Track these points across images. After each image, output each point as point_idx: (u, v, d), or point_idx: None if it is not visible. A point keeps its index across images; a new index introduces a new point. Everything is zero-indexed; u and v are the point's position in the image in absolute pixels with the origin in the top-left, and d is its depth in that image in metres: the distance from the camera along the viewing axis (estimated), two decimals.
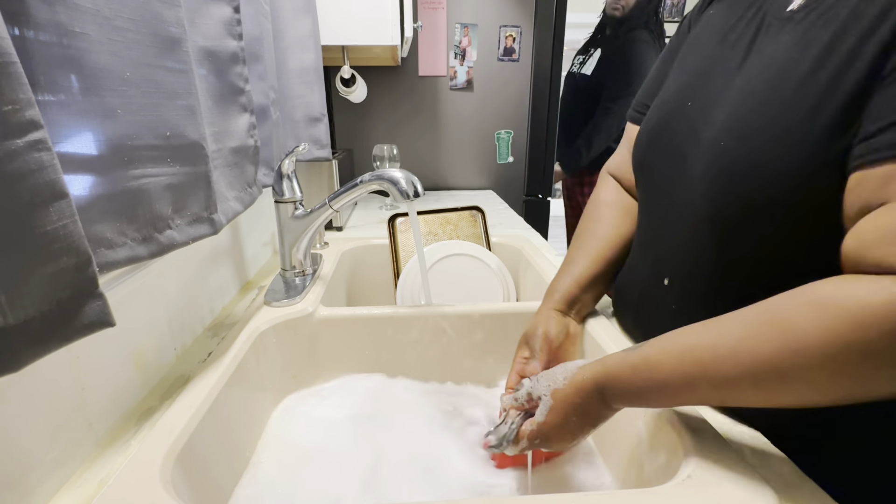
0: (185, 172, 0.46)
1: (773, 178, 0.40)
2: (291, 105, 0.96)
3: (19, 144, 0.26)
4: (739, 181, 0.42)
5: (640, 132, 0.59)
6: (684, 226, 0.50)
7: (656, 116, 0.57)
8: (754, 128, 0.42)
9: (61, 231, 0.29)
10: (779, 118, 0.40)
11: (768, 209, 0.41)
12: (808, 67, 0.39)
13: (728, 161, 0.43)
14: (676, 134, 0.51)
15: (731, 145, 0.43)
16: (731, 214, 0.44)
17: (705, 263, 0.48)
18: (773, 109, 0.41)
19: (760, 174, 0.41)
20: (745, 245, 0.44)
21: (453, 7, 1.73)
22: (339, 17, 1.10)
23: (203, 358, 0.58)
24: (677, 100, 0.53)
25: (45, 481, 0.37)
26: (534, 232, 1.20)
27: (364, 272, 1.07)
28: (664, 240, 0.54)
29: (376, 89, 1.74)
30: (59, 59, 0.33)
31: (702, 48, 0.53)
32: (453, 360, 0.75)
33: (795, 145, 0.39)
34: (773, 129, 0.40)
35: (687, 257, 0.50)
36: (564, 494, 0.38)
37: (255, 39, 0.70)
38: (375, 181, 0.67)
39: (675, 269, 0.52)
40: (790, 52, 0.41)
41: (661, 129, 0.55)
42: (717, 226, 0.46)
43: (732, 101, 0.45)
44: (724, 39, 0.50)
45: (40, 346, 0.29)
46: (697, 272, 0.49)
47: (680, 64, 0.57)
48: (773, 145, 0.40)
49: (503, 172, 1.93)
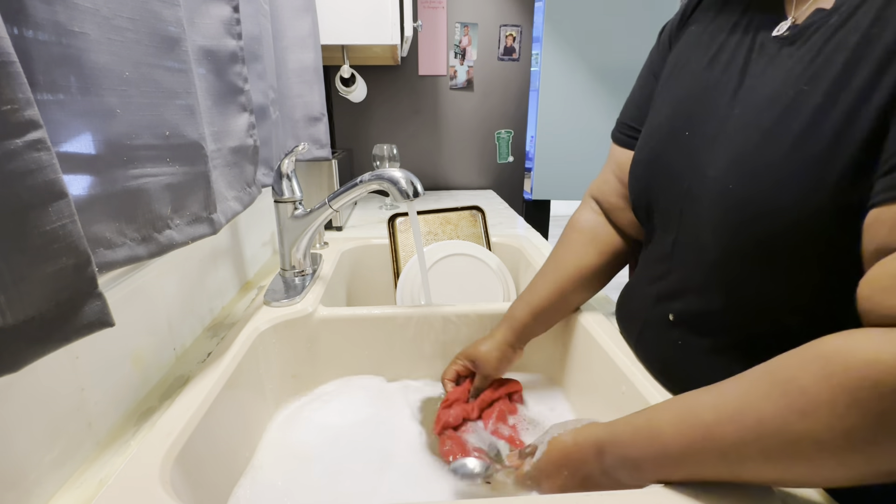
0: (185, 172, 0.46)
1: (789, 223, 0.37)
2: (291, 104, 0.96)
3: (18, 144, 0.26)
4: (751, 225, 0.40)
5: (636, 163, 0.56)
6: (692, 265, 0.48)
7: (650, 146, 0.54)
8: (763, 168, 0.39)
9: (60, 231, 0.29)
10: (791, 159, 0.37)
11: (781, 253, 0.39)
12: (820, 102, 0.36)
13: (738, 204, 0.41)
14: (677, 168, 0.49)
15: (739, 188, 0.41)
16: (742, 259, 0.42)
17: (715, 304, 0.46)
18: (784, 149, 0.38)
19: (773, 219, 0.38)
20: (759, 287, 0.42)
21: (453, 6, 1.73)
22: (338, 17, 1.10)
23: (202, 358, 0.58)
24: (672, 127, 0.51)
25: (44, 481, 0.37)
26: (534, 232, 1.20)
27: (364, 272, 1.07)
28: (670, 276, 0.52)
29: (376, 89, 1.74)
30: (59, 59, 0.33)
31: (690, 70, 0.51)
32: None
33: (812, 188, 0.36)
34: (785, 170, 0.38)
35: (694, 297, 0.48)
36: (564, 495, 0.38)
37: (254, 39, 0.69)
38: (375, 181, 0.67)
39: (682, 307, 0.50)
40: (797, 82, 0.38)
41: (660, 163, 0.52)
42: (727, 269, 0.44)
43: (735, 138, 0.42)
44: (714, 60, 0.48)
45: (40, 346, 0.29)
46: (705, 313, 0.47)
47: (667, 86, 0.55)
48: (786, 188, 0.37)
49: (503, 172, 1.93)
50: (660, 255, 0.53)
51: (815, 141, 0.36)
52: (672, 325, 0.51)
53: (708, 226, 0.44)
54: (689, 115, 0.49)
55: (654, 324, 0.54)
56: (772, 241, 0.39)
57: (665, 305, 0.52)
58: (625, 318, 0.61)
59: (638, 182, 0.56)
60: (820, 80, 0.37)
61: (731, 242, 0.42)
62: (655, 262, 0.54)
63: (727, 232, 0.42)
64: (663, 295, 0.52)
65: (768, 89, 0.41)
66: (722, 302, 0.45)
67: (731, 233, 0.42)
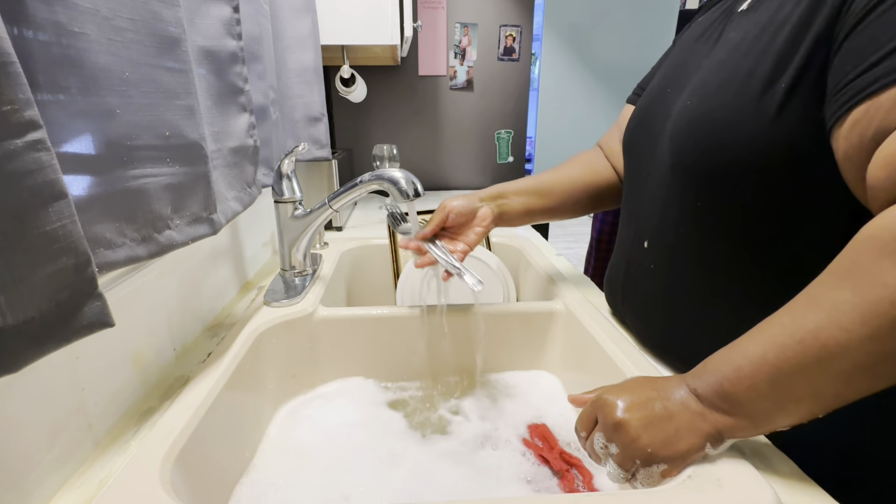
0: (185, 172, 0.46)
1: (727, 127, 0.44)
2: (291, 105, 0.96)
3: (18, 144, 0.26)
4: (697, 131, 0.47)
5: (630, 118, 0.65)
6: (654, 184, 0.55)
7: (640, 103, 0.63)
8: (714, 86, 0.47)
9: (60, 231, 0.29)
10: (733, 74, 0.45)
11: (724, 158, 0.45)
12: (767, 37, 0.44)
13: (690, 116, 0.49)
14: (656, 115, 0.57)
15: (693, 103, 0.49)
16: (690, 161, 0.49)
17: (671, 212, 0.52)
18: (738, 74, 0.45)
19: (716, 124, 0.45)
20: (706, 194, 0.48)
21: (453, 6, 1.73)
22: (338, 17, 1.10)
23: (203, 358, 0.58)
24: (659, 88, 0.59)
25: (44, 482, 0.37)
26: (534, 232, 1.20)
27: (364, 272, 1.07)
28: (644, 206, 0.58)
29: (376, 89, 1.74)
30: (59, 59, 0.33)
31: (683, 46, 0.60)
32: (453, 360, 0.75)
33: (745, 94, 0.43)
34: (729, 84, 0.45)
35: (656, 211, 0.55)
36: (564, 495, 0.38)
37: (254, 39, 0.69)
38: (375, 181, 0.67)
39: (649, 227, 0.56)
40: (749, 32, 0.46)
41: (643, 114, 0.61)
42: (678, 172, 0.50)
43: (700, 75, 0.51)
44: (701, 36, 0.56)
45: (40, 346, 0.29)
46: (665, 223, 0.53)
47: (667, 57, 0.66)
48: (727, 97, 0.45)
49: (503, 172, 1.93)
50: (636, 193, 0.60)
51: (762, 67, 0.43)
52: (646, 253, 0.57)
53: (668, 142, 0.52)
54: (672, 77, 0.58)
55: (634, 259, 0.59)
56: (715, 144, 0.46)
57: (640, 235, 0.58)
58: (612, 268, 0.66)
59: (626, 133, 0.65)
60: (768, 26, 0.44)
61: (681, 148, 0.49)
62: (633, 201, 0.61)
63: (679, 140, 0.50)
64: (638, 227, 0.59)
65: (729, 43, 0.49)
66: (678, 210, 0.51)
67: (682, 140, 0.49)
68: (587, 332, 0.65)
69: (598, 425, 0.43)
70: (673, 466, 0.39)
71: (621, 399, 0.41)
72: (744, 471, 0.38)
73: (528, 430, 0.61)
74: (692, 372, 0.41)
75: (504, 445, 0.59)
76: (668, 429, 0.39)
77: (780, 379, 0.35)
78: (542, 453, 0.57)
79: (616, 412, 0.40)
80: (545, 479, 0.54)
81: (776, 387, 0.35)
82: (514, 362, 0.76)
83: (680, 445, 0.38)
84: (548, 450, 0.57)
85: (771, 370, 0.35)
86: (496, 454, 0.58)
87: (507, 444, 0.60)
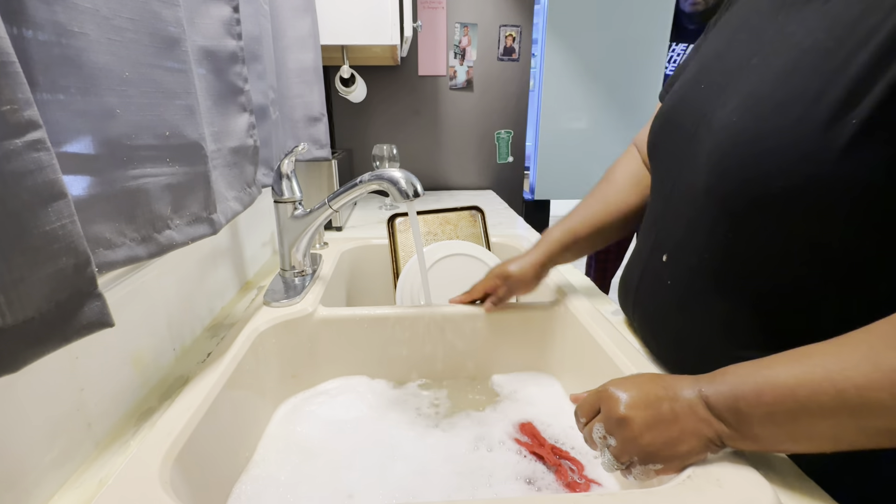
0: (184, 172, 0.46)
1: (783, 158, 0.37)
2: (291, 105, 0.96)
3: (18, 144, 0.26)
4: (744, 156, 0.40)
5: (656, 117, 0.59)
6: (684, 201, 0.49)
7: (669, 101, 0.57)
8: (771, 105, 0.39)
9: (60, 231, 0.29)
10: (798, 93, 0.37)
11: (774, 192, 0.38)
12: (844, 53, 0.36)
13: (738, 136, 0.41)
14: (687, 115, 0.51)
15: (744, 121, 0.41)
16: (729, 189, 0.42)
17: (697, 235, 0.47)
18: (793, 85, 0.38)
19: (770, 153, 0.38)
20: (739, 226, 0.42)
21: (453, 6, 1.73)
22: (338, 17, 1.10)
23: (202, 358, 0.58)
24: (691, 82, 0.53)
25: (44, 482, 0.37)
26: (534, 232, 1.20)
27: (364, 272, 1.07)
28: (666, 218, 0.53)
29: (376, 89, 1.74)
30: (58, 59, 0.33)
31: (721, 34, 0.53)
32: (453, 359, 0.75)
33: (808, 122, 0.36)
34: (790, 107, 0.37)
35: (680, 228, 0.50)
36: (564, 495, 0.38)
37: (254, 39, 0.69)
38: (375, 181, 0.67)
39: (673, 243, 0.51)
40: (820, 30, 0.38)
41: (672, 112, 0.55)
42: (712, 197, 0.44)
43: (751, 79, 0.42)
44: (745, 23, 0.48)
45: (39, 346, 0.29)
46: (687, 244, 0.49)
47: (698, 50, 0.57)
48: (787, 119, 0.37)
49: (503, 172, 1.93)
50: (661, 201, 0.55)
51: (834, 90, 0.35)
52: (664, 267, 0.53)
53: (707, 159, 0.44)
54: (708, 70, 0.51)
55: (650, 269, 0.56)
56: (764, 180, 0.39)
57: (660, 247, 0.54)
58: (626, 273, 0.63)
59: (652, 132, 0.59)
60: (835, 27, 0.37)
61: (724, 175, 0.42)
62: (656, 209, 0.56)
63: (724, 166, 0.42)
64: (659, 238, 0.54)
65: (790, 43, 0.41)
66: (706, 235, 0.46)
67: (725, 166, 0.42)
68: (587, 333, 0.65)
69: (599, 415, 0.42)
70: (669, 467, 0.39)
71: (627, 394, 0.40)
72: (744, 471, 0.38)
73: (519, 429, 0.62)
74: (707, 376, 0.39)
75: (504, 445, 0.59)
76: (672, 431, 0.38)
77: (802, 417, 0.33)
78: (535, 449, 0.57)
79: (620, 407, 0.40)
80: (544, 475, 0.54)
81: (796, 422, 0.34)
82: (514, 362, 0.76)
83: (680, 448, 0.38)
84: (538, 446, 0.58)
85: (796, 406, 0.33)
86: (496, 454, 0.58)
87: (507, 443, 0.60)
